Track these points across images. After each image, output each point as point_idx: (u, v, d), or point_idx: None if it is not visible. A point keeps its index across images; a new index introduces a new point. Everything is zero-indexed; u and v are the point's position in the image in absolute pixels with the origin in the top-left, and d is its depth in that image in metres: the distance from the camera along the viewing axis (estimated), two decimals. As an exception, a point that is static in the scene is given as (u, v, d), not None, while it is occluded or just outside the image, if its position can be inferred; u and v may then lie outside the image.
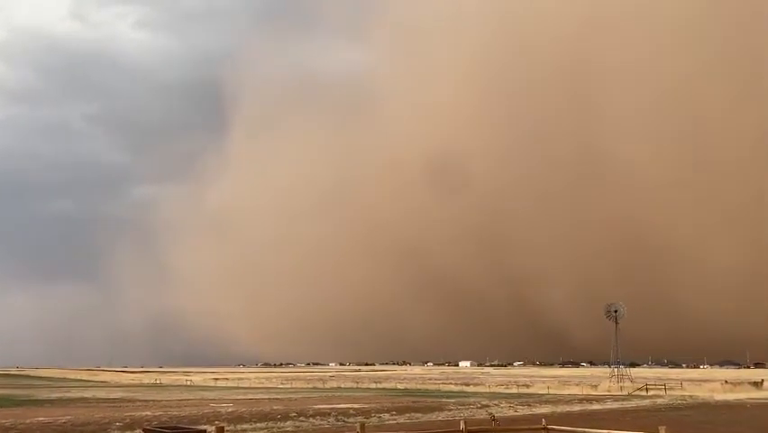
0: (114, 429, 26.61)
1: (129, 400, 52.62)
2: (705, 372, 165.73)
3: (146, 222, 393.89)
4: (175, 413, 35.57)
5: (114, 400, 54.71)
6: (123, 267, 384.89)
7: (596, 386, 71.59)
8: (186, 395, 61.53)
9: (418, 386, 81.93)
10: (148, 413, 35.99)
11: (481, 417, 31.14)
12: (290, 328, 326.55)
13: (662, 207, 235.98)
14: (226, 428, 20.08)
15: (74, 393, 67.51)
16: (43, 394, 65.00)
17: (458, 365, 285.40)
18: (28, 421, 30.39)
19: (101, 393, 67.37)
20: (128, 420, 30.19)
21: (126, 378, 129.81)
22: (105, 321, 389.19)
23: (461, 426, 15.62)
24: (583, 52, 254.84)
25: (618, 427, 22.28)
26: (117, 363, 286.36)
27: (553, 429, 16.92)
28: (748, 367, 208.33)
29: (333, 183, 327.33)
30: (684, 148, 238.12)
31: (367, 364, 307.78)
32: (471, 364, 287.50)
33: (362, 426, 14.40)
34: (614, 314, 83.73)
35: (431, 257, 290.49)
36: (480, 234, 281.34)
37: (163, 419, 31.54)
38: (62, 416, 33.77)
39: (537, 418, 26.83)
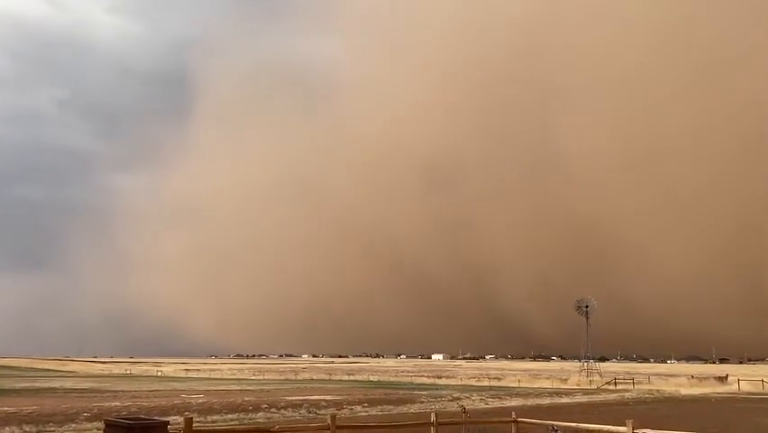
0: (81, 420, 26.22)
1: (98, 391, 51.89)
2: (672, 366, 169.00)
3: (113, 209, 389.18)
4: (145, 404, 35.17)
5: (83, 390, 53.93)
6: (88, 255, 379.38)
7: (566, 380, 72.51)
8: (156, 386, 60.91)
9: (391, 378, 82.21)
10: (117, 403, 35.53)
11: (453, 409, 31.34)
12: (263, 320, 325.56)
13: (630, 210, 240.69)
14: (196, 419, 19.91)
15: (41, 383, 66.43)
16: (9, 384, 63.79)
17: (431, 358, 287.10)
18: (-7, 411, 29.80)
19: (69, 383, 66.38)
20: (96, 411, 29.76)
21: (96, 368, 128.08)
22: (69, 310, 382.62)
23: (432, 418, 15.68)
24: (547, 55, 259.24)
25: (586, 420, 22.59)
26: (85, 354, 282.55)
27: (523, 422, 17.09)
28: (714, 363, 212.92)
29: (305, 175, 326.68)
30: (651, 151, 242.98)
31: (340, 357, 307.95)
32: (444, 357, 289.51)
33: (333, 417, 14.36)
34: (585, 309, 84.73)
35: (405, 253, 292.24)
36: (453, 232, 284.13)
37: (132, 409, 31.16)
38: (28, 406, 33.18)
39: (507, 410, 27.09)
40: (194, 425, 12.32)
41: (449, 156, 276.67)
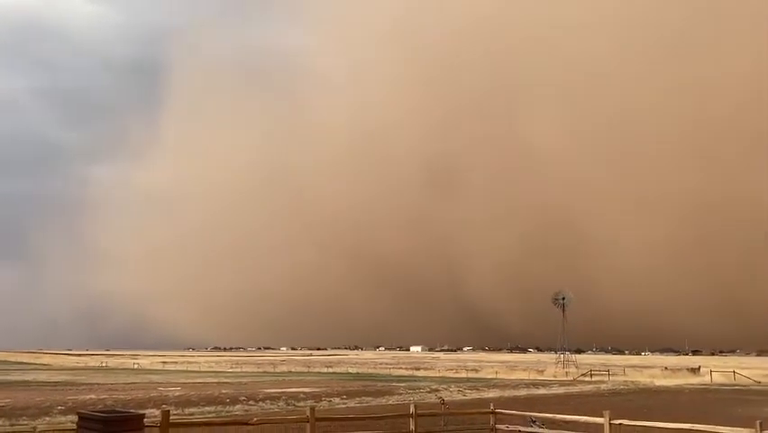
0: (55, 413, 25.85)
1: (73, 384, 51.28)
2: (646, 358, 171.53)
3: (85, 201, 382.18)
4: (121, 397, 34.81)
5: (57, 383, 53.27)
6: (60, 247, 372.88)
7: (542, 371, 73.16)
8: (133, 379, 60.35)
9: (369, 371, 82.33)
10: (92, 396, 35.14)
11: (431, 400, 31.49)
12: (241, 313, 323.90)
13: (604, 205, 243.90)
14: (173, 412, 19.71)
15: (14, 376, 65.44)
16: (-19, 377, 62.75)
17: (409, 350, 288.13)
18: (-36, 405, 29.25)
19: (43, 376, 65.53)
20: (71, 404, 29.38)
21: (70, 361, 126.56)
22: (40, 303, 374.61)
23: (411, 409, 15.70)
24: (518, 51, 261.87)
25: (563, 411, 22.82)
26: (58, 347, 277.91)
27: (501, 413, 17.19)
28: (687, 354, 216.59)
29: (284, 170, 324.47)
30: (625, 147, 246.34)
31: (318, 349, 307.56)
32: (422, 349, 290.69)
33: (312, 409, 14.32)
34: (561, 301, 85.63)
35: (382, 248, 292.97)
36: (428, 227, 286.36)
37: (108, 402, 30.83)
38: (0, 399, 32.66)
39: (485, 401, 27.29)
40: (171, 418, 12.20)
41: (425, 153, 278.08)
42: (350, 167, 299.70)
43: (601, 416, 14.15)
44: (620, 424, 13.90)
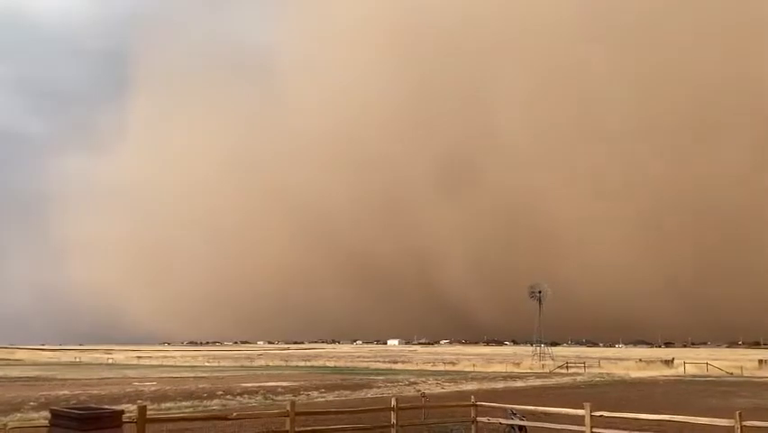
0: (27, 409, 25.29)
1: (45, 379, 50.39)
2: (620, 351, 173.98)
3: (51, 194, 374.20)
4: (95, 392, 34.25)
5: (29, 378, 52.28)
6: (26, 242, 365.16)
7: (519, 364, 73.77)
8: (107, 374, 59.49)
9: (347, 364, 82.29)
10: (66, 392, 34.52)
11: (410, 394, 31.49)
12: (217, 307, 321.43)
13: (576, 197, 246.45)
14: (149, 407, 19.37)
15: (-16, 372, 64.12)
16: (-50, 373, 61.33)
17: (386, 344, 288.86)
18: (-68, 401, 28.51)
19: (15, 372, 64.27)
20: (43, 400, 28.82)
21: (43, 356, 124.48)
22: (9, 299, 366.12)
23: (393, 403, 15.60)
24: (479, 51, 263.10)
25: (541, 403, 22.93)
26: (32, 342, 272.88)
27: (482, 405, 17.16)
28: (659, 347, 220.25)
29: (258, 163, 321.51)
30: (593, 144, 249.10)
31: (296, 343, 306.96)
32: (400, 343, 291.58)
33: (293, 404, 14.14)
34: (537, 294, 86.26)
35: (358, 241, 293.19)
36: (404, 220, 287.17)
37: (82, 398, 30.30)
38: (-29, 396, 31.92)
39: (464, 394, 27.34)
40: (147, 413, 11.93)
41: (406, 153, 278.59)
42: (330, 165, 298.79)
43: (580, 407, 14.18)
44: (601, 416, 13.94)
